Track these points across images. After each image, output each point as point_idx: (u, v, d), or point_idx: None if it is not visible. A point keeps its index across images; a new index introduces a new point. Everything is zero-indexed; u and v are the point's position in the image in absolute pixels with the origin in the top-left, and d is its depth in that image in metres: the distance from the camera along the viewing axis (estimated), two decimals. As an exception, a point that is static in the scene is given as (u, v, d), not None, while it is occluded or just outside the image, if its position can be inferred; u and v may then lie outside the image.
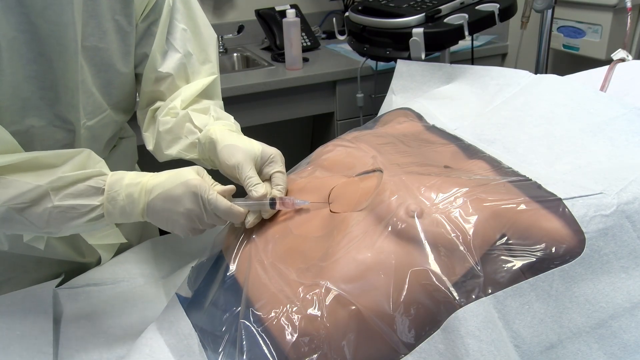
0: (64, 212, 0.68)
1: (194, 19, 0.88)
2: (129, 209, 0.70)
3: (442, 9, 1.28)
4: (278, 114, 1.88)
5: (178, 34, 0.86)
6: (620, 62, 0.87)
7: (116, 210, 0.70)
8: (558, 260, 0.57)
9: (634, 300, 0.59)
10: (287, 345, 0.58)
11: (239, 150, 0.74)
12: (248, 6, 2.20)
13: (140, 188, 0.70)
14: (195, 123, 0.82)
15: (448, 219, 0.59)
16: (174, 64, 0.86)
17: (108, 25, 0.79)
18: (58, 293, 0.87)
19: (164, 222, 0.71)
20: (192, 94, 0.86)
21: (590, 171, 0.67)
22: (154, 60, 0.85)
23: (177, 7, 0.86)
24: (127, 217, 0.71)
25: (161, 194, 0.69)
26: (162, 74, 0.86)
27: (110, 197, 0.69)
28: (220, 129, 0.79)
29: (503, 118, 0.82)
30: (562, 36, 1.88)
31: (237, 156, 0.73)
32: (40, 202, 0.67)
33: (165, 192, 0.69)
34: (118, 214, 0.70)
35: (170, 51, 0.86)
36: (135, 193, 0.70)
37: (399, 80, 1.06)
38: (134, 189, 0.70)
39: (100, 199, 0.69)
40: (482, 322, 0.54)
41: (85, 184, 0.69)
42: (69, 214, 0.68)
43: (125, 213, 0.70)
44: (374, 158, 0.72)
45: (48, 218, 0.68)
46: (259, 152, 0.74)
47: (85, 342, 0.78)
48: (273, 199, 0.71)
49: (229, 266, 0.71)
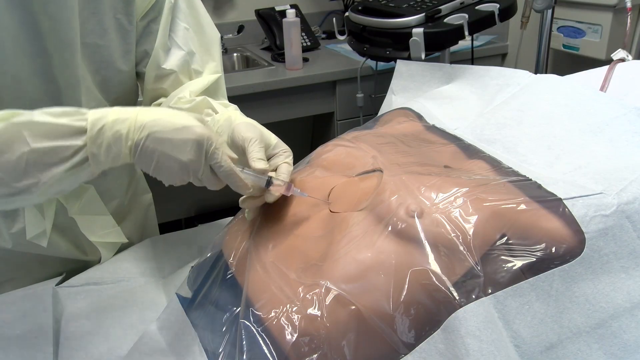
0: (42, 156, 0.60)
1: (197, 18, 0.88)
2: (115, 149, 0.62)
3: (442, 9, 1.28)
4: (278, 114, 1.88)
5: (180, 33, 0.86)
6: (620, 62, 0.87)
7: (101, 151, 0.62)
8: (558, 260, 0.57)
9: (634, 300, 0.59)
10: (287, 345, 0.58)
11: (256, 128, 0.72)
12: (248, 6, 2.20)
13: (129, 125, 0.62)
14: (214, 106, 0.81)
15: (448, 219, 0.59)
16: (177, 61, 0.86)
17: (109, 24, 0.79)
18: (58, 292, 0.87)
19: (152, 166, 0.64)
20: (200, 89, 0.86)
21: (590, 171, 0.67)
22: (157, 57, 0.85)
23: (180, 7, 0.86)
24: (113, 158, 0.63)
25: (157, 135, 0.62)
26: (165, 70, 0.86)
27: (95, 136, 0.61)
28: (240, 114, 0.79)
29: (503, 118, 0.82)
30: (562, 36, 1.88)
31: (253, 132, 0.71)
32: (14, 145, 0.59)
33: (163, 134, 0.62)
34: (103, 155, 0.62)
35: (174, 48, 0.86)
36: (123, 129, 0.62)
37: (399, 80, 1.06)
38: (121, 125, 0.62)
39: (83, 138, 0.61)
40: (482, 322, 0.54)
41: (64, 123, 0.61)
42: (48, 159, 0.60)
43: (111, 154, 0.62)
44: (374, 158, 0.72)
45: (25, 166, 0.60)
46: (274, 141, 0.73)
47: (85, 341, 0.78)
48: (270, 178, 0.68)
49: (228, 266, 0.71)
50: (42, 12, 0.70)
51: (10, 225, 0.89)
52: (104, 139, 0.61)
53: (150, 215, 1.14)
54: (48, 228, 0.88)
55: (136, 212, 1.08)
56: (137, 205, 1.09)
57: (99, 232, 0.93)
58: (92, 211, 0.92)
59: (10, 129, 0.59)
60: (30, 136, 0.59)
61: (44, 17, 0.71)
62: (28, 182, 0.61)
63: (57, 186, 0.63)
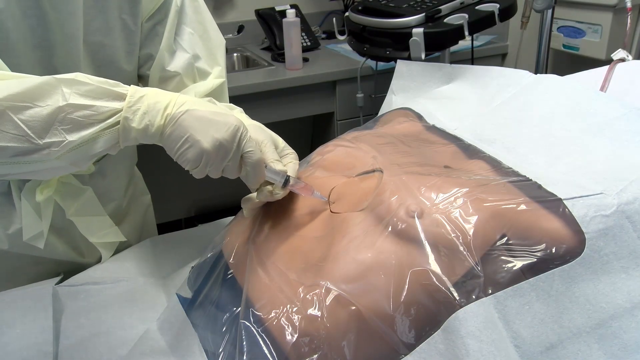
0: (77, 113, 0.59)
1: (203, 23, 0.89)
2: (150, 117, 0.62)
3: (442, 9, 1.28)
4: (278, 114, 1.88)
5: (186, 37, 0.87)
6: (620, 62, 0.87)
7: (136, 117, 0.62)
8: (558, 260, 0.57)
9: (634, 300, 0.58)
10: (287, 345, 0.58)
11: (266, 132, 0.73)
12: (248, 6, 2.20)
13: (170, 98, 0.63)
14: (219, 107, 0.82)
15: (448, 219, 0.59)
16: (182, 64, 0.87)
17: (114, 23, 0.80)
18: (58, 291, 0.87)
19: (180, 142, 0.62)
20: (205, 92, 0.86)
21: (590, 171, 0.67)
22: (161, 59, 0.86)
23: (186, 11, 0.87)
24: (144, 129, 0.62)
25: (197, 113, 0.62)
26: (170, 72, 0.87)
27: (134, 102, 0.62)
28: (246, 117, 0.80)
29: (503, 118, 0.82)
30: (562, 36, 1.88)
31: (263, 134, 0.71)
32: (49, 99, 0.58)
33: (202, 113, 0.62)
34: (137, 121, 0.62)
35: (179, 51, 0.87)
36: (164, 101, 0.63)
37: (399, 81, 1.06)
38: (163, 97, 0.63)
39: (121, 104, 0.62)
40: (483, 323, 0.54)
41: (106, 87, 0.62)
42: (82, 116, 0.59)
43: (144, 122, 0.62)
44: (374, 158, 0.72)
45: (54, 122, 0.58)
46: (282, 144, 0.73)
47: (85, 341, 0.78)
48: (289, 177, 0.68)
49: (228, 266, 0.71)
50: (49, 3, 0.71)
51: (7, 226, 0.88)
52: (142, 105, 0.62)
53: (148, 217, 1.14)
54: (45, 229, 0.88)
55: (135, 214, 1.08)
56: (135, 207, 1.08)
57: (97, 232, 0.93)
58: (90, 212, 0.92)
59: (49, 82, 0.59)
60: (68, 93, 0.59)
61: (50, 9, 0.71)
62: (52, 140, 0.59)
63: (75, 154, 0.62)
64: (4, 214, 0.88)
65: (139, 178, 1.11)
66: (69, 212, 0.89)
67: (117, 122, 0.62)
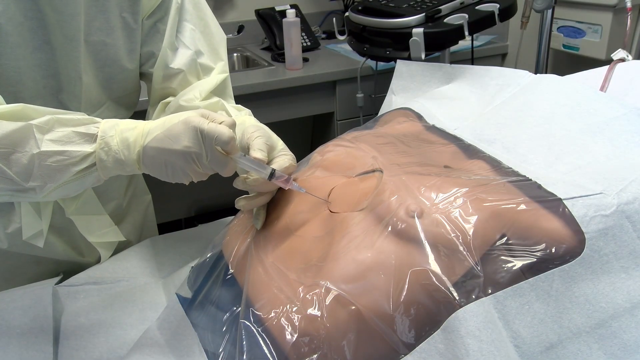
0: (51, 159, 0.61)
1: (203, 19, 0.89)
2: (123, 156, 0.64)
3: (442, 9, 1.28)
4: (278, 114, 1.88)
5: (187, 33, 0.87)
6: (620, 62, 0.87)
7: (109, 158, 0.63)
8: (558, 260, 0.57)
9: (634, 300, 0.59)
10: (287, 345, 0.58)
11: (264, 130, 0.73)
12: (248, 6, 2.20)
13: (137, 132, 0.64)
14: (228, 110, 0.83)
15: (448, 219, 0.59)
16: (185, 60, 0.87)
17: (115, 22, 0.80)
18: (58, 291, 0.87)
19: (161, 168, 0.64)
20: (210, 88, 0.86)
21: (590, 171, 0.67)
22: (164, 56, 0.86)
23: (186, 8, 0.87)
24: (121, 165, 0.64)
25: (158, 135, 0.63)
26: (173, 70, 0.87)
27: (104, 142, 0.63)
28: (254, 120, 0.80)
29: (503, 118, 0.82)
30: (562, 36, 1.88)
31: (261, 132, 0.71)
32: (26, 146, 0.60)
33: (163, 132, 0.63)
34: (112, 162, 0.64)
35: (181, 48, 0.87)
36: (131, 137, 0.64)
37: (399, 81, 1.06)
38: (130, 133, 0.64)
39: (92, 146, 0.63)
40: (482, 322, 0.54)
41: (76, 129, 0.63)
42: (56, 162, 0.61)
43: (119, 161, 0.64)
44: (374, 158, 0.72)
45: (33, 168, 0.61)
46: (281, 146, 0.73)
47: (85, 341, 0.78)
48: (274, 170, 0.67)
49: (228, 266, 0.71)
50: (49, 5, 0.71)
51: (6, 225, 0.88)
52: (111, 146, 0.63)
53: (149, 217, 1.14)
54: (45, 228, 0.88)
55: (135, 214, 1.08)
56: (136, 207, 1.08)
57: (96, 231, 0.93)
58: (89, 211, 0.92)
59: (23, 129, 0.61)
60: (40, 139, 0.60)
61: (50, 11, 0.71)
62: (35, 184, 0.62)
63: (62, 190, 0.65)
64: (4, 212, 0.88)
65: (139, 177, 1.11)
66: (68, 211, 0.89)
67: (92, 164, 0.64)
